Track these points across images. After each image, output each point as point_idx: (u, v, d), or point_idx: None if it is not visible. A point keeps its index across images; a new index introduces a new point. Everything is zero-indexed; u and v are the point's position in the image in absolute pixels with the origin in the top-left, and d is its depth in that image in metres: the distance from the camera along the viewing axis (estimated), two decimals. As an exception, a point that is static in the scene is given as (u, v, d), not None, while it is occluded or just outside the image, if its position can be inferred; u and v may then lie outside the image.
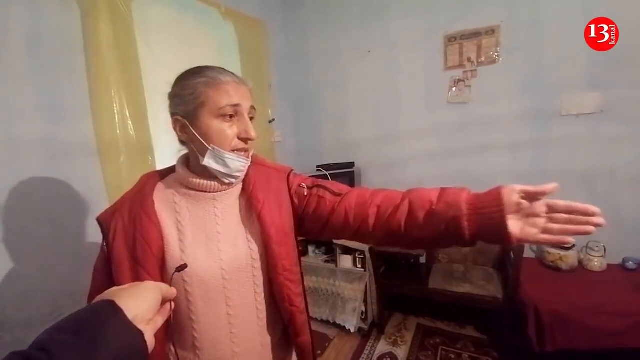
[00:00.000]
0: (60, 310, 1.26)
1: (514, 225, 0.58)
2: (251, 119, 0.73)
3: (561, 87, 2.01)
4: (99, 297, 0.45)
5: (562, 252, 1.95)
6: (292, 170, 0.86)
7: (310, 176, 0.90)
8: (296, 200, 0.81)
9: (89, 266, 1.32)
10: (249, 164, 0.75)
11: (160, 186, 0.77)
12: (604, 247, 1.95)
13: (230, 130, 0.70)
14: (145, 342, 0.42)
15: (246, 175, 0.79)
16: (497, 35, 2.10)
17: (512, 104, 2.14)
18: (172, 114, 0.72)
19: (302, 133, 2.88)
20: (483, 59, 2.17)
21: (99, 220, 0.73)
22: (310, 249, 2.54)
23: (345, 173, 2.47)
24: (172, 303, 0.53)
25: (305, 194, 0.80)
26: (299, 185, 0.82)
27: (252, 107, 0.73)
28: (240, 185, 0.80)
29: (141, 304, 0.45)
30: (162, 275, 0.69)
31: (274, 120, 2.47)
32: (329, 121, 2.78)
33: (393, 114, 2.51)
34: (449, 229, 0.63)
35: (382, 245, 0.74)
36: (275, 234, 0.74)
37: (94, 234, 1.38)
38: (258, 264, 0.74)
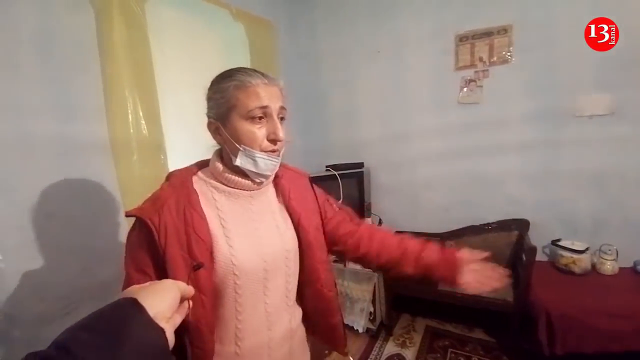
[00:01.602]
0: (73, 306, 1.28)
1: None
2: (282, 119, 0.76)
3: (574, 88, 1.97)
4: (120, 295, 0.45)
5: (575, 255, 1.91)
6: (309, 175, 0.97)
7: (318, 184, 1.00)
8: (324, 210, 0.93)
9: (101, 262, 1.35)
10: (279, 164, 0.78)
11: (197, 182, 0.77)
12: (616, 250, 1.91)
13: (259, 132, 0.72)
14: (166, 339, 0.43)
15: (276, 174, 0.83)
16: (510, 35, 2.07)
17: (524, 105, 2.10)
18: (208, 117, 0.76)
19: (311, 133, 2.87)
20: (495, 58, 2.14)
21: (144, 218, 0.66)
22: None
23: (355, 173, 2.45)
24: (190, 301, 0.53)
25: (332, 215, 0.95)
26: (327, 200, 0.96)
27: (282, 107, 0.75)
28: (273, 183, 0.86)
29: (162, 302, 0.45)
30: (213, 271, 0.70)
31: None
32: (338, 121, 2.77)
33: (403, 113, 2.49)
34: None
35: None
36: (308, 225, 0.84)
37: (107, 231, 1.41)
38: (291, 255, 0.82)
